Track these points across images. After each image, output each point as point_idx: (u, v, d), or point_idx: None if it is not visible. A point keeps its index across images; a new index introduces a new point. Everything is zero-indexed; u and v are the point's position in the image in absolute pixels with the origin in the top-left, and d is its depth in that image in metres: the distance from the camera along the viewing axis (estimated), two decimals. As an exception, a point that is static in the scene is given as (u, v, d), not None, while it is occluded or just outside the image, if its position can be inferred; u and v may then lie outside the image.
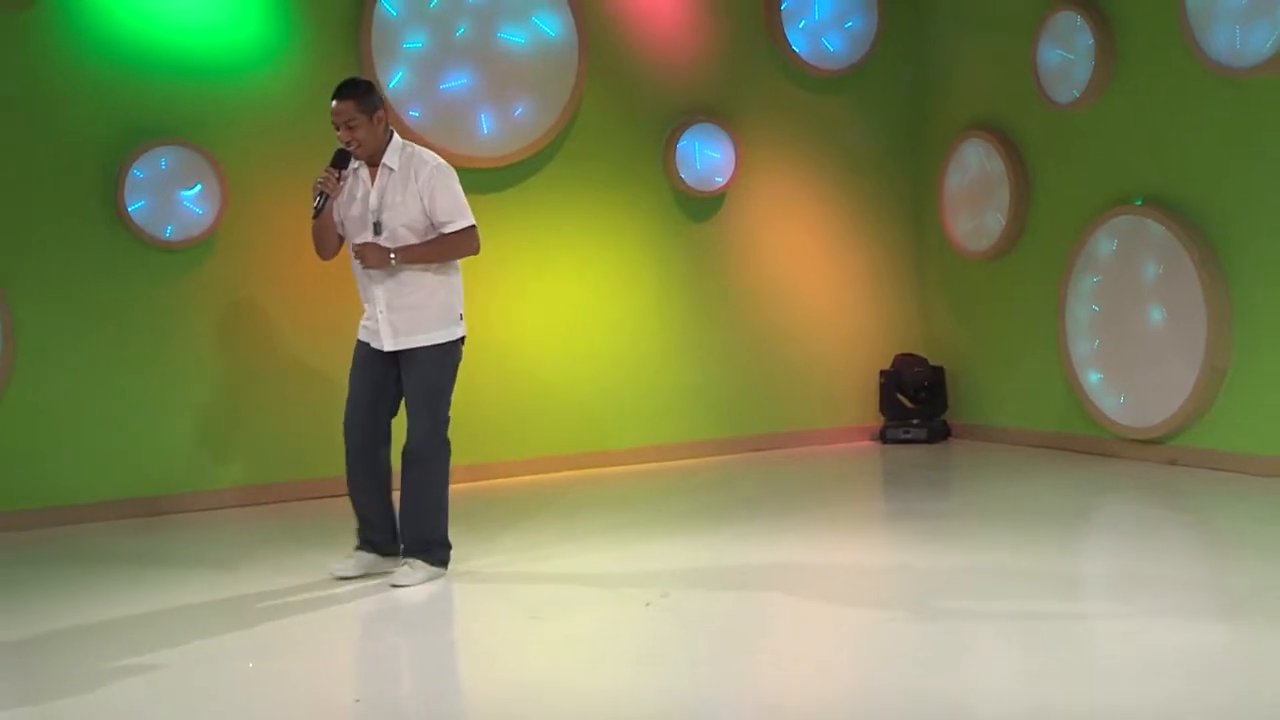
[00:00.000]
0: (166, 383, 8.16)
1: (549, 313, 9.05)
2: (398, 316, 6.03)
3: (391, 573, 6.11)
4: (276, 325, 8.39)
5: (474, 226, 6.10)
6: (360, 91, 5.97)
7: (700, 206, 9.25)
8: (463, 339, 6.25)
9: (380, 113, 5.99)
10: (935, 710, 4.25)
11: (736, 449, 9.39)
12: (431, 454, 6.13)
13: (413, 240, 5.96)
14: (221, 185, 8.05)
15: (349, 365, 6.62)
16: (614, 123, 9.06)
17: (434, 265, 6.10)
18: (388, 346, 6.05)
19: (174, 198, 7.99)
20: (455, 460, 6.43)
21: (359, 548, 6.28)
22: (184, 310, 8.14)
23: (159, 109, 8.02)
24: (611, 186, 9.09)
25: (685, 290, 9.31)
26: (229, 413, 8.34)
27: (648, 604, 5.64)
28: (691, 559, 6.57)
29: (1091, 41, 8.07)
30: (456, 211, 6.03)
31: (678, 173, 9.08)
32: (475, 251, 6.16)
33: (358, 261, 6.09)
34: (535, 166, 8.84)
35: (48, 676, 5.02)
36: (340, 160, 6.00)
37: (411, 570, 6.03)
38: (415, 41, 8.44)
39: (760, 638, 5.42)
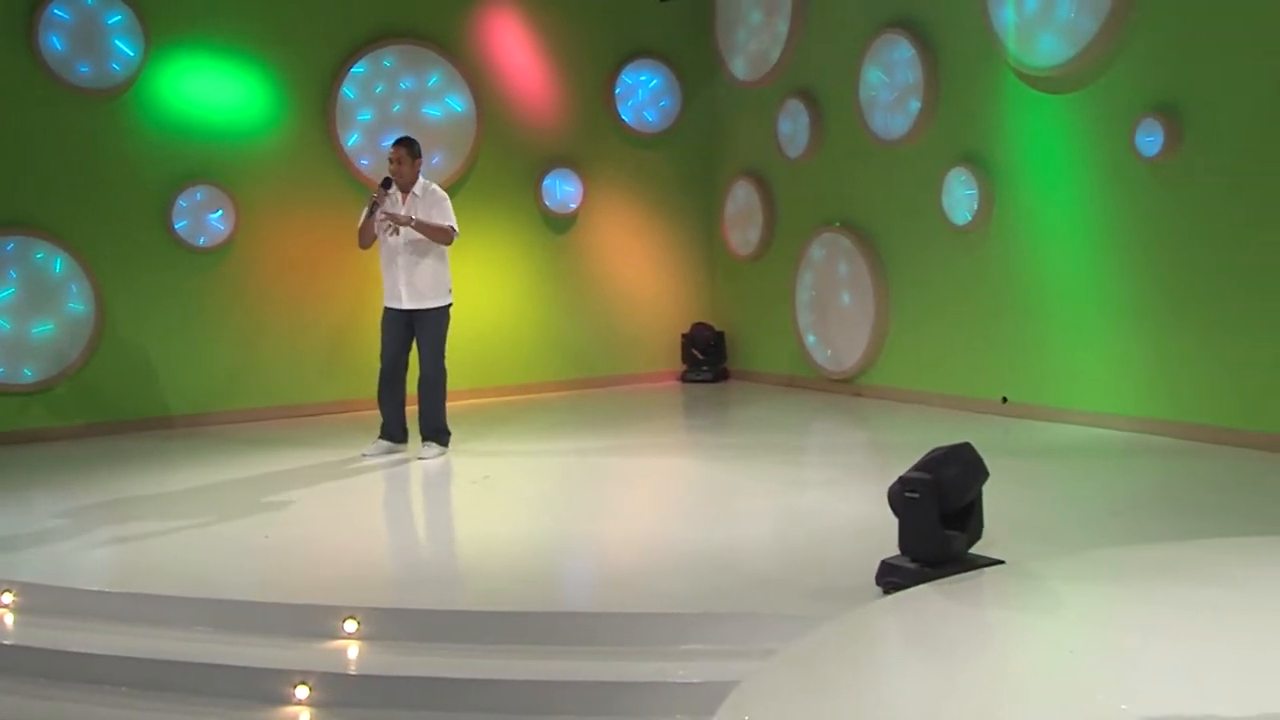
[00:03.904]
0: (201, 337, 9.74)
1: (458, 295, 9.21)
2: (410, 287, 7.80)
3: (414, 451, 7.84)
4: (272, 300, 9.97)
5: (453, 227, 7.83)
6: (411, 144, 7.91)
7: (560, 223, 10.95)
8: (451, 305, 7.99)
9: (419, 161, 7.89)
10: (702, 545, 5.41)
11: (582, 385, 11.03)
12: (436, 378, 7.90)
13: (414, 235, 7.69)
14: (236, 211, 9.79)
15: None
16: (500, 167, 10.63)
17: (431, 253, 7.75)
18: (407, 306, 7.82)
19: (205, 219, 9.68)
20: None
21: (380, 438, 8.04)
22: (211, 291, 9.81)
23: (196, 160, 9.68)
24: (500, 210, 10.64)
25: (550, 279, 10.94)
26: (242, 357, 9.89)
27: (473, 482, 7.17)
28: (521, 450, 8.26)
29: (808, 119, 10.25)
30: (444, 218, 7.85)
31: (544, 200, 10.80)
32: (448, 241, 7.83)
33: (389, 239, 7.70)
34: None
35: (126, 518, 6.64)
36: (385, 184, 7.86)
37: (429, 448, 7.91)
38: (365, 114, 10.23)
39: (553, 498, 6.92)
